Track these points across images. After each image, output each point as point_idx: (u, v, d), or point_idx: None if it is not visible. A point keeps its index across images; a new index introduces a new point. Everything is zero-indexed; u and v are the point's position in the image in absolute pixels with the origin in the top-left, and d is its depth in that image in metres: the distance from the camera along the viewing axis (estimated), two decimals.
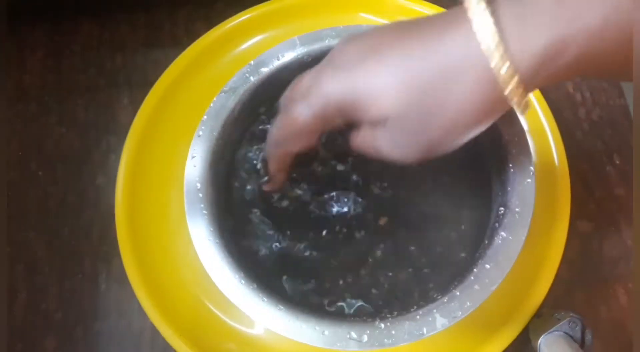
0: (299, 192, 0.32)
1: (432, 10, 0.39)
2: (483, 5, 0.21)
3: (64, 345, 0.33)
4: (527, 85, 0.21)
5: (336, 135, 0.32)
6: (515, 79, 0.21)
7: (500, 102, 0.22)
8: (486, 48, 0.21)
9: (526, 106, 0.22)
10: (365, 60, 0.23)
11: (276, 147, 0.27)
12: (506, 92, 0.21)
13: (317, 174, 0.32)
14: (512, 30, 0.21)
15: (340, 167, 0.32)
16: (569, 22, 0.20)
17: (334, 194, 0.32)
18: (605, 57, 0.21)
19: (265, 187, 0.30)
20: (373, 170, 0.32)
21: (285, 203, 0.32)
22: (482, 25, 0.21)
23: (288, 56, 0.31)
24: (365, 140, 0.25)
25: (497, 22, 0.21)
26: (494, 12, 0.21)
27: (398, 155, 0.25)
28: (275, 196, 0.32)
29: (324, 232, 0.31)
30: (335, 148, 0.32)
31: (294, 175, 0.32)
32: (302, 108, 0.24)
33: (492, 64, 0.21)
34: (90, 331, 0.33)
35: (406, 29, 0.23)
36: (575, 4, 0.20)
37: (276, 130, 0.26)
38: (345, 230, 0.31)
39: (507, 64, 0.21)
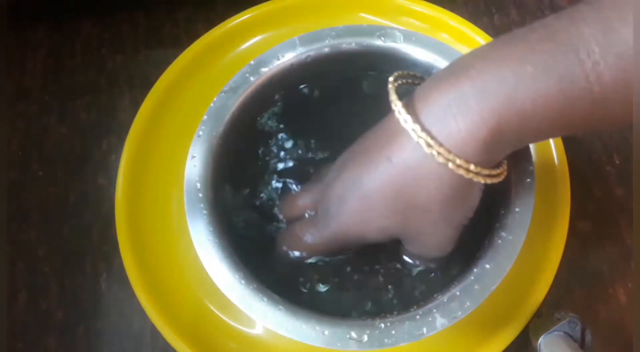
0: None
1: (432, 10, 0.39)
2: (412, 123, 0.22)
3: (64, 345, 0.33)
4: (485, 166, 0.23)
5: None
6: (470, 167, 0.22)
7: (468, 183, 0.23)
8: (436, 156, 0.22)
9: (497, 176, 0.24)
10: (343, 205, 0.26)
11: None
12: (467, 177, 0.23)
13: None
14: (445, 133, 0.22)
15: None
16: (498, 113, 0.21)
17: None
18: (543, 129, 0.22)
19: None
20: None
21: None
22: (419, 140, 0.22)
23: (288, 56, 0.31)
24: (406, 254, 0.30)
25: (428, 131, 0.22)
26: (422, 128, 0.22)
27: (432, 254, 0.28)
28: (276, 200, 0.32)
29: None
30: None
31: None
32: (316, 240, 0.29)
33: (442, 162, 0.22)
34: (91, 331, 0.33)
35: (359, 157, 0.26)
36: (497, 94, 0.21)
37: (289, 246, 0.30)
38: None
39: (455, 159, 0.22)
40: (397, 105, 0.23)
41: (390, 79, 0.25)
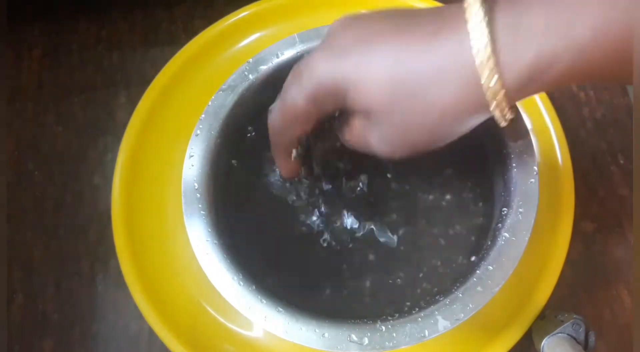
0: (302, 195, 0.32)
1: (433, 7, 0.39)
2: (482, 14, 0.21)
3: (61, 346, 0.32)
4: (511, 98, 0.22)
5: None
6: (502, 92, 0.21)
7: (484, 110, 0.22)
8: (479, 61, 0.21)
9: (510, 115, 0.23)
10: (359, 47, 0.23)
11: (275, 134, 0.27)
12: (491, 105, 0.22)
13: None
14: (505, 42, 0.20)
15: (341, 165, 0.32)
16: (559, 34, 0.20)
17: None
18: (597, 67, 0.21)
19: (283, 174, 0.29)
20: (379, 171, 0.32)
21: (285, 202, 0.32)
22: (478, 36, 0.21)
23: (287, 54, 0.31)
24: (354, 133, 0.26)
25: (492, 33, 0.20)
26: (490, 22, 0.21)
27: (385, 151, 0.25)
28: (273, 195, 0.32)
29: (322, 233, 0.31)
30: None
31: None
32: (295, 91, 0.24)
33: (483, 79, 0.21)
34: (88, 333, 0.33)
35: (404, 23, 0.23)
36: (565, 15, 0.20)
37: (272, 115, 0.26)
38: (345, 228, 0.31)
39: (496, 77, 0.21)
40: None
41: None
